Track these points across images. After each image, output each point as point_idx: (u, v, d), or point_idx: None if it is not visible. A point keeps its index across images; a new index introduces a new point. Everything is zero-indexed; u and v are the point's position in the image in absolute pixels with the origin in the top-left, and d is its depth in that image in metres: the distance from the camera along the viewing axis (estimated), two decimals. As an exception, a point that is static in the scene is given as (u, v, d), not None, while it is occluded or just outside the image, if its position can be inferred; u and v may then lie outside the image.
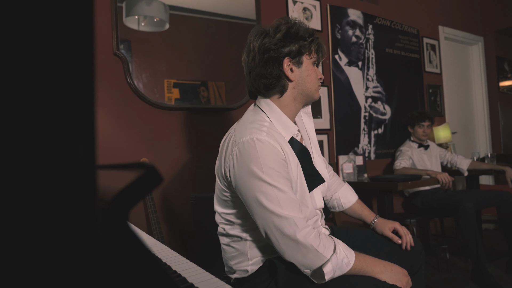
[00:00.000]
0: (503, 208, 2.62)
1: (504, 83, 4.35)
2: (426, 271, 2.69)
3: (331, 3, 2.87)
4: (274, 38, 1.05)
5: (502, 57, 4.36)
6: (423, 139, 2.99)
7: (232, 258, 1.11)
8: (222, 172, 1.05)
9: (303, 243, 0.91)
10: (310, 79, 1.11)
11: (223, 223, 1.13)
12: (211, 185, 2.14)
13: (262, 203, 0.93)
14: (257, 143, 0.95)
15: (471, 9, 4.19)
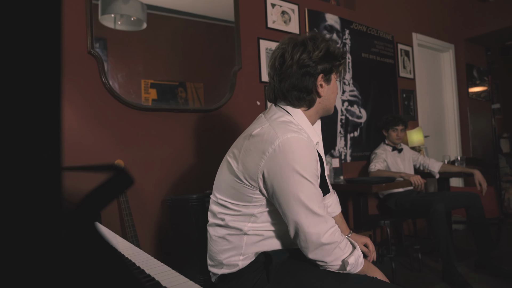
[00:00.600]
0: (472, 210, 2.72)
1: (473, 89, 4.53)
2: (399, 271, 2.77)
3: (309, 7, 2.91)
4: (313, 54, 1.10)
5: (471, 64, 4.54)
6: (397, 143, 3.06)
7: (224, 251, 1.10)
8: (249, 166, 1.03)
9: (332, 241, 0.97)
10: (334, 95, 1.20)
11: (225, 214, 1.10)
12: (188, 187, 2.13)
13: (302, 200, 0.96)
14: (301, 141, 1.00)
15: (443, 18, 4.35)
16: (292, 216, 0.98)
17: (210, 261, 1.16)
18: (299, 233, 0.98)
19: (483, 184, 2.84)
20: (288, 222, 0.99)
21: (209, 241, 1.16)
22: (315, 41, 1.12)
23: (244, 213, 1.07)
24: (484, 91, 4.74)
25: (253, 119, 2.48)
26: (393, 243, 3.20)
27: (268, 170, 0.99)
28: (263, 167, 1.00)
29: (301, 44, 1.11)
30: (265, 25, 2.62)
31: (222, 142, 2.34)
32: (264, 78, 2.57)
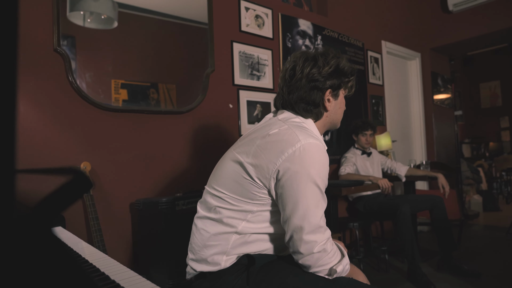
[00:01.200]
0: (435, 212, 2.84)
1: (437, 96, 4.73)
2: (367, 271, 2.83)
3: (283, 13, 2.95)
4: (323, 70, 1.13)
5: (436, 72, 4.75)
6: (366, 147, 3.15)
7: (209, 247, 1.08)
8: (264, 163, 1.02)
9: (324, 250, 0.99)
10: (341, 111, 1.23)
11: (223, 208, 1.08)
12: (158, 190, 2.09)
13: (310, 209, 0.98)
14: (321, 149, 1.03)
15: (410, 27, 4.52)
16: (295, 221, 0.99)
17: (191, 254, 1.13)
18: (295, 237, 0.99)
19: (446, 187, 2.96)
20: (289, 225, 1.00)
21: (195, 232, 1.14)
22: (326, 57, 1.15)
23: (243, 209, 1.07)
24: (448, 98, 4.96)
25: (225, 122, 2.49)
26: (361, 244, 3.28)
27: (284, 170, 1.00)
28: (280, 166, 1.00)
29: (312, 59, 1.15)
30: (239, 28, 2.62)
31: (194, 145, 2.31)
32: (237, 81, 2.57)
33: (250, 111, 2.65)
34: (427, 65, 4.63)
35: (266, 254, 1.11)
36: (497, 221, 4.69)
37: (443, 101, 4.86)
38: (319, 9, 3.46)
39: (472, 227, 4.40)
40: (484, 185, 6.31)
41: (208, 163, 2.32)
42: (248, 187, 1.05)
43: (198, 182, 2.27)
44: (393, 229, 3.68)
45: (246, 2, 2.67)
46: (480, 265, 2.90)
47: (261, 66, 2.74)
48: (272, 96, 2.80)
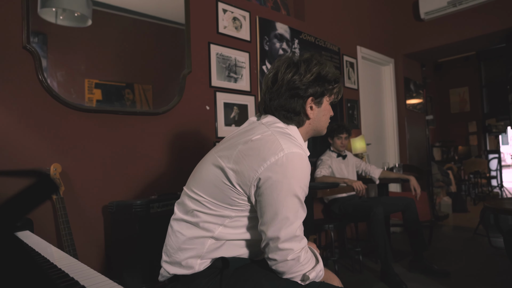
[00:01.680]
0: (407, 213, 2.92)
1: (410, 101, 4.87)
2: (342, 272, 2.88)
3: (260, 16, 2.96)
4: (304, 77, 1.10)
5: (408, 78, 4.89)
6: (342, 150, 3.20)
7: (184, 250, 1.07)
8: (245, 170, 1.01)
9: (298, 258, 0.99)
10: (325, 118, 1.21)
11: (201, 212, 1.07)
12: (132, 193, 2.05)
13: (288, 219, 0.98)
14: (304, 159, 1.02)
15: (384, 34, 4.64)
16: (273, 230, 0.98)
17: (165, 256, 1.11)
18: (271, 245, 0.99)
19: (418, 190, 3.05)
20: (266, 233, 1.00)
21: (170, 235, 1.12)
22: (308, 63, 1.12)
23: (221, 214, 1.06)
24: (420, 103, 5.12)
25: (202, 124, 2.48)
26: (336, 246, 3.33)
27: (266, 179, 0.98)
28: (261, 174, 0.99)
29: (294, 66, 1.13)
30: (216, 30, 2.61)
31: (170, 147, 2.28)
32: (214, 83, 2.56)
33: (227, 113, 2.64)
34: (400, 71, 4.77)
35: (240, 258, 1.11)
36: (465, 222, 4.87)
37: (415, 106, 5.01)
38: (296, 13, 3.51)
39: (442, 228, 4.55)
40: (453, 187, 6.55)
41: (184, 165, 2.29)
42: (228, 192, 1.04)
43: (174, 185, 2.24)
44: (367, 230, 3.75)
45: (223, 4, 2.67)
46: (449, 264, 3.01)
47: (239, 68, 2.74)
48: (249, 98, 2.80)
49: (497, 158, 7.86)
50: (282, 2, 3.44)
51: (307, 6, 3.48)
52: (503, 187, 7.13)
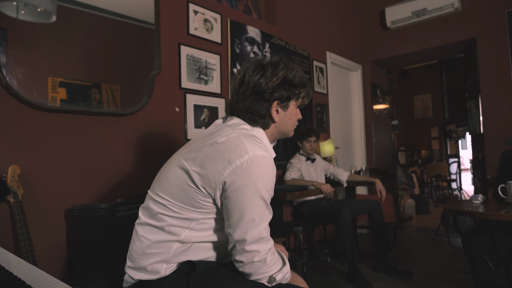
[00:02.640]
0: (373, 215, 3.01)
1: (376, 106, 5.03)
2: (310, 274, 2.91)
3: (232, 18, 2.96)
4: (270, 81, 1.10)
5: (375, 84, 5.05)
6: (311, 153, 3.25)
7: (150, 255, 1.04)
8: (210, 173, 1.00)
9: (264, 260, 0.99)
10: (292, 121, 1.20)
11: (166, 215, 1.04)
12: (98, 196, 1.99)
13: (255, 221, 0.98)
14: (269, 161, 1.02)
15: (353, 41, 4.78)
16: (239, 232, 0.98)
17: (130, 262, 1.08)
18: (238, 248, 0.99)
19: (383, 192, 3.15)
20: (232, 235, 0.99)
21: (134, 239, 1.09)
22: (275, 67, 1.12)
23: (186, 216, 1.04)
24: (386, 108, 5.30)
25: (171, 126, 2.44)
26: (305, 248, 3.37)
27: (231, 182, 0.98)
28: (226, 177, 0.98)
29: (261, 68, 1.12)
30: (187, 31, 2.59)
31: (138, 148, 2.23)
32: (184, 84, 2.53)
33: (197, 115, 2.61)
34: (367, 77, 4.91)
35: (207, 261, 1.10)
36: (428, 223, 5.08)
37: (381, 111, 5.17)
38: (268, 17, 3.54)
39: (406, 229, 4.72)
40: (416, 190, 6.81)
41: (153, 168, 2.25)
42: (193, 195, 1.03)
43: (141, 187, 2.19)
44: (335, 232, 3.82)
45: (195, 6, 2.65)
46: (412, 264, 3.12)
47: (209, 70, 2.72)
48: (220, 101, 2.79)
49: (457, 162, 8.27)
50: (253, 6, 3.46)
51: (278, 10, 3.52)
52: (462, 189, 7.50)
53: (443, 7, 4.06)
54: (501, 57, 3.78)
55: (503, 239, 1.86)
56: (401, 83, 9.29)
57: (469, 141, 9.40)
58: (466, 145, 9.50)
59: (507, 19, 3.74)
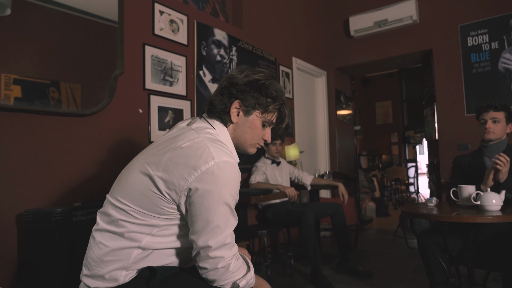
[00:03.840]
0: (335, 218, 3.08)
1: (340, 112, 5.17)
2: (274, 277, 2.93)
3: (199, 20, 2.94)
4: (242, 77, 1.11)
5: (339, 90, 5.19)
6: (276, 156, 3.29)
7: (108, 263, 1.00)
8: (175, 178, 0.98)
9: (228, 266, 0.99)
10: (251, 132, 1.15)
11: (127, 222, 1.01)
12: (54, 200, 1.89)
13: (219, 227, 0.97)
14: (234, 167, 1.01)
15: (318, 47, 4.89)
16: (204, 239, 0.97)
17: (86, 270, 1.04)
18: (202, 254, 0.98)
19: (345, 195, 3.24)
20: (196, 242, 0.98)
21: (92, 246, 1.04)
22: (256, 72, 1.14)
23: (148, 223, 1.01)
24: (349, 114, 5.46)
25: (134, 127, 2.38)
26: (269, 251, 3.39)
27: (196, 188, 0.96)
28: (191, 183, 0.97)
29: (246, 70, 1.15)
30: (152, 32, 2.54)
31: (98, 150, 2.15)
32: (148, 85, 2.48)
33: (161, 117, 2.57)
34: (332, 83, 5.04)
35: (169, 266, 1.08)
36: (387, 225, 5.28)
37: (345, 117, 5.32)
38: (235, 21, 3.55)
39: (367, 231, 4.87)
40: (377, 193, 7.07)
41: (114, 171, 2.17)
42: (156, 201, 1.00)
43: (102, 191, 2.11)
44: (299, 235, 3.87)
45: (160, 6, 2.60)
46: (372, 265, 3.23)
47: (175, 72, 2.68)
48: (185, 103, 2.76)
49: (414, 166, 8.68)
50: (221, 9, 3.45)
51: (245, 14, 3.54)
52: (419, 193, 7.88)
53: (402, 19, 4.25)
54: (454, 68, 4.01)
55: (454, 240, 1.96)
56: (364, 90, 9.62)
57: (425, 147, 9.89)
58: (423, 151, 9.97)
59: (460, 33, 3.98)
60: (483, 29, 3.85)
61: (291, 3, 4.31)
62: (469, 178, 2.14)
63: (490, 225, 1.93)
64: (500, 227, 1.92)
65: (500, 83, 3.73)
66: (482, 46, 3.85)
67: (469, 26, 3.93)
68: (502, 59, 3.74)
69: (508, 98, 3.66)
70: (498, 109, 2.05)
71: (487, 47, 3.82)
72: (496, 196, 1.69)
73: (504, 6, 3.74)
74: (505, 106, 2.07)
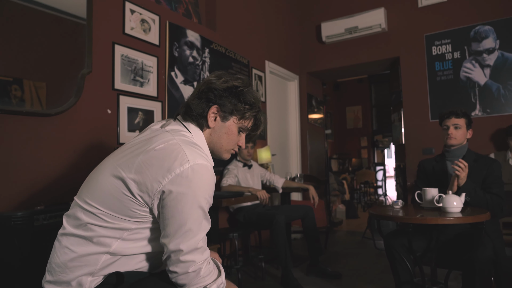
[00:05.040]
0: (306, 221, 3.12)
1: (311, 116, 5.25)
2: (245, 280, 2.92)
3: (171, 21, 2.91)
4: (221, 83, 1.11)
5: (311, 94, 5.28)
6: (248, 159, 3.29)
7: (73, 268, 0.96)
8: (148, 180, 0.95)
9: (199, 270, 0.97)
10: (227, 138, 1.16)
11: (97, 226, 0.97)
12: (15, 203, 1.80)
13: (192, 231, 0.96)
14: (210, 171, 1.00)
15: (291, 51, 4.95)
16: (176, 242, 0.95)
17: (49, 276, 1.00)
18: (173, 258, 0.96)
19: (316, 198, 3.29)
20: (168, 245, 0.96)
21: (57, 251, 1.00)
22: (235, 79, 1.14)
23: (119, 226, 0.98)
24: (320, 118, 5.55)
25: (102, 128, 2.31)
26: (240, 254, 3.38)
27: (170, 190, 0.94)
28: (165, 186, 0.95)
29: (225, 76, 1.15)
30: (122, 30, 2.48)
31: (63, 152, 2.07)
32: (118, 85, 2.42)
33: (131, 118, 2.51)
34: (304, 87, 5.12)
35: (138, 272, 1.05)
36: (356, 227, 5.40)
37: (316, 120, 5.41)
38: (208, 22, 3.53)
39: (336, 233, 4.97)
40: (347, 195, 7.22)
41: (80, 173, 2.10)
42: (128, 204, 0.98)
43: (67, 194, 2.03)
44: (270, 238, 3.89)
45: (131, 5, 2.55)
46: (341, 266, 3.29)
47: (146, 72, 2.63)
48: (156, 104, 2.71)
49: (382, 170, 8.94)
50: (194, 10, 3.43)
51: (218, 16, 3.53)
52: (387, 195, 8.12)
53: (372, 26, 4.39)
54: (420, 76, 4.18)
55: (418, 240, 2.03)
56: (335, 94, 9.83)
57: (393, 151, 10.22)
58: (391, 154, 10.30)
59: (425, 42, 4.16)
60: (447, 39, 4.03)
61: (265, 7, 4.35)
62: (433, 181, 2.23)
63: (451, 226, 2.02)
64: (461, 228, 2.02)
65: (461, 90, 3.92)
66: (446, 55, 4.03)
67: (433, 36, 4.11)
68: (463, 68, 3.93)
69: (469, 105, 3.85)
70: (459, 116, 2.16)
71: (450, 56, 4.01)
72: (457, 199, 1.77)
73: (465, 18, 3.94)
74: (466, 113, 2.18)
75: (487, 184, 2.03)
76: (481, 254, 1.73)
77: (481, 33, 3.85)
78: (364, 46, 4.61)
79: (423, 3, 4.18)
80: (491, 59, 3.79)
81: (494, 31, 3.78)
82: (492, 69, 3.78)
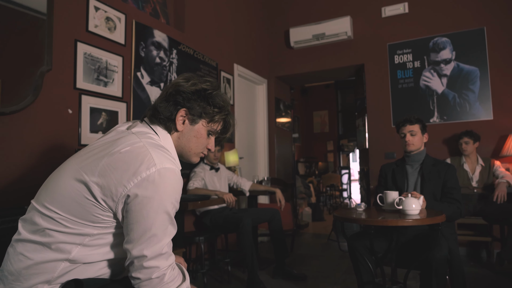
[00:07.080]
0: (273, 223, 3.14)
1: (279, 119, 5.31)
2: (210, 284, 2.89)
3: (137, 20, 2.84)
4: (189, 86, 1.09)
5: (279, 98, 5.33)
6: (215, 162, 3.27)
7: (28, 276, 0.91)
8: (112, 184, 0.92)
9: (163, 276, 0.94)
10: (196, 141, 1.14)
11: (55, 231, 0.93)
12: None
13: (157, 236, 0.93)
14: (177, 175, 0.98)
15: (260, 55, 4.98)
16: (140, 248, 0.92)
17: (1, 284, 0.94)
18: (136, 264, 0.93)
19: (282, 201, 3.32)
20: (131, 251, 0.93)
21: (10, 258, 0.94)
22: (203, 81, 1.13)
23: (80, 232, 0.94)
24: (288, 122, 5.62)
25: (62, 129, 2.22)
26: (207, 258, 3.35)
27: (135, 195, 0.91)
28: (130, 189, 0.91)
29: (193, 78, 1.12)
30: (86, 28, 2.40)
31: (19, 153, 1.96)
32: (80, 85, 2.33)
33: (93, 119, 2.42)
34: (272, 91, 5.16)
35: (98, 278, 1.01)
36: (322, 229, 5.50)
37: (284, 124, 5.47)
38: (176, 23, 3.48)
39: (303, 236, 5.04)
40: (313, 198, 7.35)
41: (38, 175, 2.00)
42: (90, 208, 0.94)
43: (23, 197, 1.92)
44: (236, 241, 3.88)
45: (96, 1, 2.47)
46: (307, 268, 3.34)
47: (110, 72, 2.56)
48: (121, 105, 2.64)
49: (348, 173, 9.18)
50: (162, 10, 3.37)
51: (187, 17, 3.50)
52: (351, 198, 8.33)
53: (338, 34, 4.51)
54: (383, 83, 4.34)
55: (380, 242, 2.11)
56: (302, 99, 10.00)
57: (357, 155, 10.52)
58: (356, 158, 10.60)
59: (388, 51, 4.33)
60: (408, 49, 4.22)
61: (234, 11, 4.35)
62: (393, 184, 2.32)
63: (410, 227, 2.10)
64: (419, 230, 2.11)
65: (421, 98, 4.12)
66: (407, 64, 4.22)
67: (396, 45, 4.29)
68: (423, 76, 4.13)
69: (428, 112, 4.05)
70: (413, 123, 2.28)
71: (411, 65, 4.20)
72: (416, 201, 1.84)
73: (425, 30, 4.15)
74: (419, 119, 2.31)
75: (448, 189, 2.16)
76: (437, 254, 1.82)
77: (439, 44, 4.06)
78: (331, 52, 4.72)
79: (387, 14, 4.36)
80: (448, 69, 4.01)
81: (450, 42, 4.00)
82: (448, 79, 4.00)
